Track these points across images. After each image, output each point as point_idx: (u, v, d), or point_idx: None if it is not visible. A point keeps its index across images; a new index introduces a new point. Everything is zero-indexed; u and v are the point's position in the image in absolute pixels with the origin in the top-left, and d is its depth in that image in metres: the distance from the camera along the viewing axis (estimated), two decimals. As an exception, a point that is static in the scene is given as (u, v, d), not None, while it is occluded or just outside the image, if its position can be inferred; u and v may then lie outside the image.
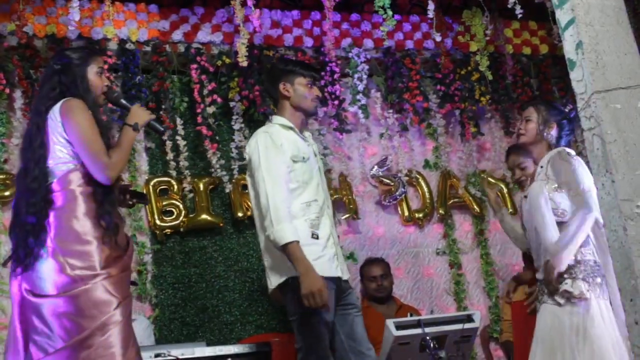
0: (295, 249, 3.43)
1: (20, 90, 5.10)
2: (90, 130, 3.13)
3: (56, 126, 3.14)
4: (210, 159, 5.37)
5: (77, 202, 3.10)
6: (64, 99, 3.18)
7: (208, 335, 5.17)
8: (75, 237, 3.04)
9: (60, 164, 3.13)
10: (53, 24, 5.07)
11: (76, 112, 3.13)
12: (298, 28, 5.73)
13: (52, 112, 3.16)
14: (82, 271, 2.99)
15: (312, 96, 3.86)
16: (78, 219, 3.07)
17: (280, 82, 3.86)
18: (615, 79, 2.75)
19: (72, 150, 3.14)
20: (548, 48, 6.26)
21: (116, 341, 2.95)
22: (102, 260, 3.03)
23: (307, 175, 3.72)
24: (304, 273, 3.39)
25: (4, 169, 5.10)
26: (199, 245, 5.41)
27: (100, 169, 3.11)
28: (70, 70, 3.27)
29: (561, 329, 3.55)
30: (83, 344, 2.92)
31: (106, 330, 2.94)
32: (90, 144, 3.11)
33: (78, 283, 2.97)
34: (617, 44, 2.81)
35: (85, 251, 3.03)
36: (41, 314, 2.96)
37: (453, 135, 6.23)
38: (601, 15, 2.84)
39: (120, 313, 3.00)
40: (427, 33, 5.99)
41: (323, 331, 3.51)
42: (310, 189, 3.71)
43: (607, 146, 2.66)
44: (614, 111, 2.70)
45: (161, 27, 5.38)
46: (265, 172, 3.59)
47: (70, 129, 3.12)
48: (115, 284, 3.04)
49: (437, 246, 5.99)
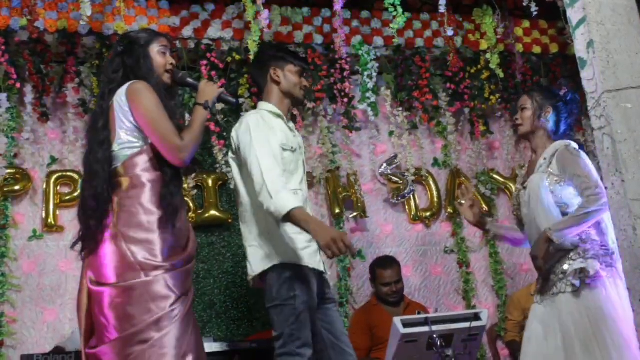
0: (300, 213, 3.29)
1: (30, 85, 5.13)
2: (158, 112, 3.04)
3: (122, 110, 3.06)
4: (217, 155, 5.38)
5: (142, 187, 3.01)
6: (129, 82, 3.10)
7: (215, 332, 5.19)
8: (139, 224, 2.96)
9: (126, 148, 3.05)
10: (64, 19, 5.08)
11: (143, 95, 3.05)
12: (308, 25, 5.73)
13: (117, 96, 3.08)
14: (145, 260, 2.90)
15: (302, 85, 3.80)
16: (142, 205, 2.99)
17: (270, 67, 3.78)
18: (626, 78, 2.74)
19: (138, 133, 3.06)
20: (558, 47, 6.24)
21: (172, 341, 2.85)
22: (165, 250, 2.96)
23: (293, 166, 3.64)
24: (317, 229, 3.26)
25: (14, 164, 5.12)
26: (207, 241, 5.43)
27: (172, 151, 3.03)
28: (134, 51, 3.20)
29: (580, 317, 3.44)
30: (137, 337, 2.83)
31: (162, 327, 2.85)
32: (160, 126, 3.03)
33: (139, 272, 2.88)
34: (629, 43, 2.80)
35: (149, 239, 2.94)
36: (101, 303, 2.88)
37: (462, 133, 6.22)
38: (612, 15, 2.83)
39: (178, 310, 2.92)
40: (437, 31, 5.97)
41: (306, 316, 3.46)
42: (295, 180, 3.63)
43: (617, 145, 2.66)
44: (625, 110, 2.70)
45: (171, 23, 5.38)
46: (258, 149, 3.46)
47: (137, 112, 3.04)
48: (176, 278, 2.96)
49: (445, 244, 5.99)
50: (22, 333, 4.91)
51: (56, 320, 4.99)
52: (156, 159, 3.07)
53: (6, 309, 4.90)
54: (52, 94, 5.26)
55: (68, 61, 5.17)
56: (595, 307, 3.43)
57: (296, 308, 3.43)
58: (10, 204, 5.08)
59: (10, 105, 5.13)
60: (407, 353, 4.19)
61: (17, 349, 4.82)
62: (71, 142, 5.24)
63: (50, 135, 5.33)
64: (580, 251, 3.53)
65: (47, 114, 5.17)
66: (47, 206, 5.14)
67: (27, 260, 5.06)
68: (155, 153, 3.08)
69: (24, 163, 5.19)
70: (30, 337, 4.93)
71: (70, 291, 4.94)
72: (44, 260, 5.06)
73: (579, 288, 3.47)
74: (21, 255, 5.06)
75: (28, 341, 4.91)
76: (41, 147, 5.29)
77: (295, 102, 3.87)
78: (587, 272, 3.45)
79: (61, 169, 5.26)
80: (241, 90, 5.46)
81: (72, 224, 4.89)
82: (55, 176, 5.21)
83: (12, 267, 5.00)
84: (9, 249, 4.99)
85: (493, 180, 6.14)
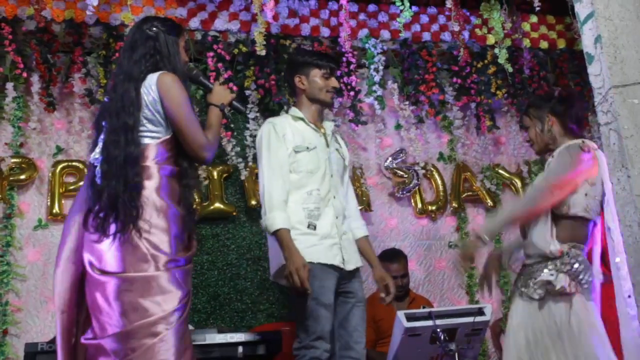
0: (284, 235, 3.54)
1: (37, 75, 5.14)
2: (189, 108, 3.02)
3: (150, 99, 3.00)
4: (225, 146, 5.38)
5: (159, 178, 2.95)
6: (160, 72, 3.05)
7: (219, 323, 5.20)
8: (153, 215, 2.89)
9: (147, 137, 3.00)
10: (71, 9, 5.08)
11: (177, 88, 3.01)
12: (315, 18, 5.72)
13: (147, 83, 3.02)
14: (157, 252, 2.85)
15: (328, 87, 3.89)
16: (158, 197, 2.93)
17: (295, 75, 3.92)
18: (634, 74, 2.73)
19: (160, 124, 3.01)
20: (565, 42, 6.22)
21: (178, 337, 2.81)
22: (176, 245, 2.91)
23: (313, 165, 3.76)
24: (288, 256, 3.49)
25: (20, 153, 5.14)
26: (212, 232, 5.44)
27: (199, 148, 3.03)
28: (165, 40, 3.14)
29: (539, 327, 3.40)
30: (145, 330, 2.77)
31: (171, 322, 2.79)
32: (192, 123, 3.02)
33: (150, 264, 2.83)
34: (636, 38, 2.79)
35: (162, 232, 2.89)
36: (105, 292, 2.81)
37: (468, 128, 6.21)
38: (621, 10, 2.82)
39: (187, 306, 2.87)
40: (444, 25, 5.97)
41: (319, 311, 3.54)
42: (314, 179, 3.75)
43: (624, 141, 2.64)
44: (632, 106, 2.69)
45: (178, 15, 5.38)
46: (265, 161, 3.73)
47: (170, 107, 2.99)
48: (185, 274, 2.92)
49: (449, 239, 5.99)
50: (26, 322, 4.94)
51: (60, 309, 5.00)
52: (175, 152, 3.05)
53: (11, 297, 4.92)
54: (58, 83, 5.27)
55: (75, 51, 5.18)
56: (558, 318, 3.39)
57: (308, 304, 3.53)
58: (16, 193, 5.10)
59: (17, 95, 5.15)
60: (410, 346, 4.20)
61: (21, 337, 4.84)
62: (77, 132, 5.26)
63: (57, 125, 5.34)
64: (557, 262, 3.45)
65: (54, 104, 5.18)
66: (53, 196, 5.15)
67: (32, 249, 5.08)
68: (174, 145, 3.05)
69: (30, 152, 5.21)
70: (34, 325, 4.95)
71: (75, 281, 4.96)
72: (49, 250, 5.07)
73: (544, 298, 3.44)
74: (26, 245, 5.08)
75: (32, 330, 4.93)
76: (47, 137, 5.30)
77: (324, 105, 3.98)
78: (553, 285, 3.40)
79: (67, 158, 5.28)
80: (247, 82, 5.46)
81: (78, 213, 4.90)
82: (61, 166, 5.23)
83: (17, 256, 5.02)
84: (14, 237, 5.02)
85: (498, 175, 6.13)
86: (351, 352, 3.69)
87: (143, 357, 2.76)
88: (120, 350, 2.78)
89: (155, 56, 3.11)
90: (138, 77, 3.04)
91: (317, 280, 3.55)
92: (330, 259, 3.65)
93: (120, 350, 2.78)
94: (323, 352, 3.52)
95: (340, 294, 3.71)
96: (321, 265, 3.60)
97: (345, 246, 3.78)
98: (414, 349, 4.21)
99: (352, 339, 3.70)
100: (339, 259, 3.69)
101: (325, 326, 3.55)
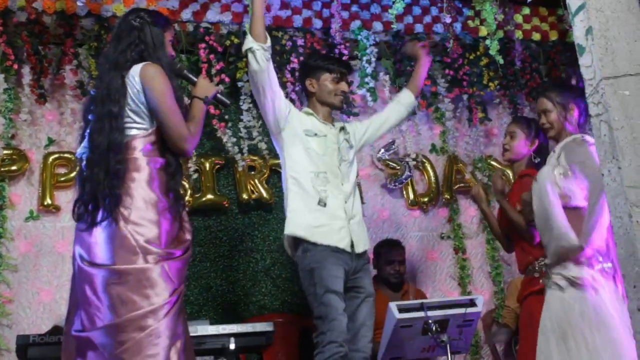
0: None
1: (28, 67, 5.12)
2: (172, 100, 3.02)
3: (134, 90, 3.00)
4: (221, 137, 5.39)
5: (146, 171, 2.95)
6: (144, 63, 3.05)
7: (211, 314, 5.19)
8: (141, 207, 2.89)
9: (128, 127, 3.00)
10: (62, 1, 5.05)
11: (160, 80, 3.01)
12: (307, 9, 5.71)
13: (131, 73, 3.03)
14: (146, 245, 2.84)
15: (338, 91, 4.02)
16: (146, 189, 2.93)
17: (307, 79, 4.06)
18: (625, 66, 2.73)
19: (144, 115, 3.01)
20: (558, 35, 6.23)
21: (166, 331, 2.79)
22: (166, 237, 2.91)
23: (321, 150, 3.89)
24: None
25: (11, 145, 5.12)
26: (204, 224, 5.43)
27: (180, 140, 3.03)
28: (151, 32, 3.15)
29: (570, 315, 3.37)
30: (134, 324, 2.76)
31: (159, 316, 2.79)
32: (174, 114, 3.02)
33: (138, 256, 2.82)
34: (627, 30, 2.79)
35: (151, 224, 2.88)
36: (94, 285, 2.80)
37: (460, 120, 6.22)
38: (612, 1, 2.82)
39: (176, 300, 2.86)
40: (436, 17, 5.96)
41: (331, 297, 3.58)
42: (321, 162, 3.85)
43: (614, 133, 2.65)
44: (623, 98, 2.69)
45: (170, 6, 5.36)
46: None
47: (152, 97, 2.99)
48: (176, 267, 2.91)
49: (441, 230, 5.99)
50: (18, 313, 4.93)
51: (52, 300, 5.00)
52: (160, 144, 3.05)
53: (2, 289, 4.91)
54: (50, 75, 5.25)
55: (66, 43, 5.17)
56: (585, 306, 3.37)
57: (317, 293, 3.61)
58: (7, 184, 5.08)
59: (8, 87, 5.13)
60: (402, 338, 4.22)
61: (13, 328, 4.83)
62: (68, 123, 5.25)
63: (48, 117, 5.33)
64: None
65: (45, 96, 5.17)
66: (44, 187, 5.14)
67: (23, 240, 5.07)
68: (158, 138, 3.05)
69: (21, 144, 5.19)
70: (26, 317, 4.94)
71: (67, 272, 4.92)
72: (41, 241, 5.07)
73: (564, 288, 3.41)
74: (17, 236, 5.07)
75: (24, 321, 4.92)
76: (38, 129, 5.29)
77: (333, 107, 4.11)
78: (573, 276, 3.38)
79: (58, 150, 5.26)
80: (239, 74, 5.45)
81: (69, 205, 4.83)
82: (52, 157, 5.22)
83: (9, 247, 5.01)
84: (6, 229, 5.00)
85: (490, 166, 6.14)
86: (356, 346, 3.72)
87: (132, 351, 2.75)
88: (109, 344, 2.78)
89: (140, 45, 3.12)
90: (123, 66, 3.06)
91: (327, 270, 3.64)
92: (335, 241, 3.72)
93: (109, 344, 2.78)
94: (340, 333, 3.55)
95: (350, 288, 3.77)
96: (330, 250, 3.68)
97: (354, 229, 3.85)
98: (406, 340, 4.23)
99: (359, 333, 3.74)
100: (347, 242, 3.76)
101: (336, 308, 3.58)
